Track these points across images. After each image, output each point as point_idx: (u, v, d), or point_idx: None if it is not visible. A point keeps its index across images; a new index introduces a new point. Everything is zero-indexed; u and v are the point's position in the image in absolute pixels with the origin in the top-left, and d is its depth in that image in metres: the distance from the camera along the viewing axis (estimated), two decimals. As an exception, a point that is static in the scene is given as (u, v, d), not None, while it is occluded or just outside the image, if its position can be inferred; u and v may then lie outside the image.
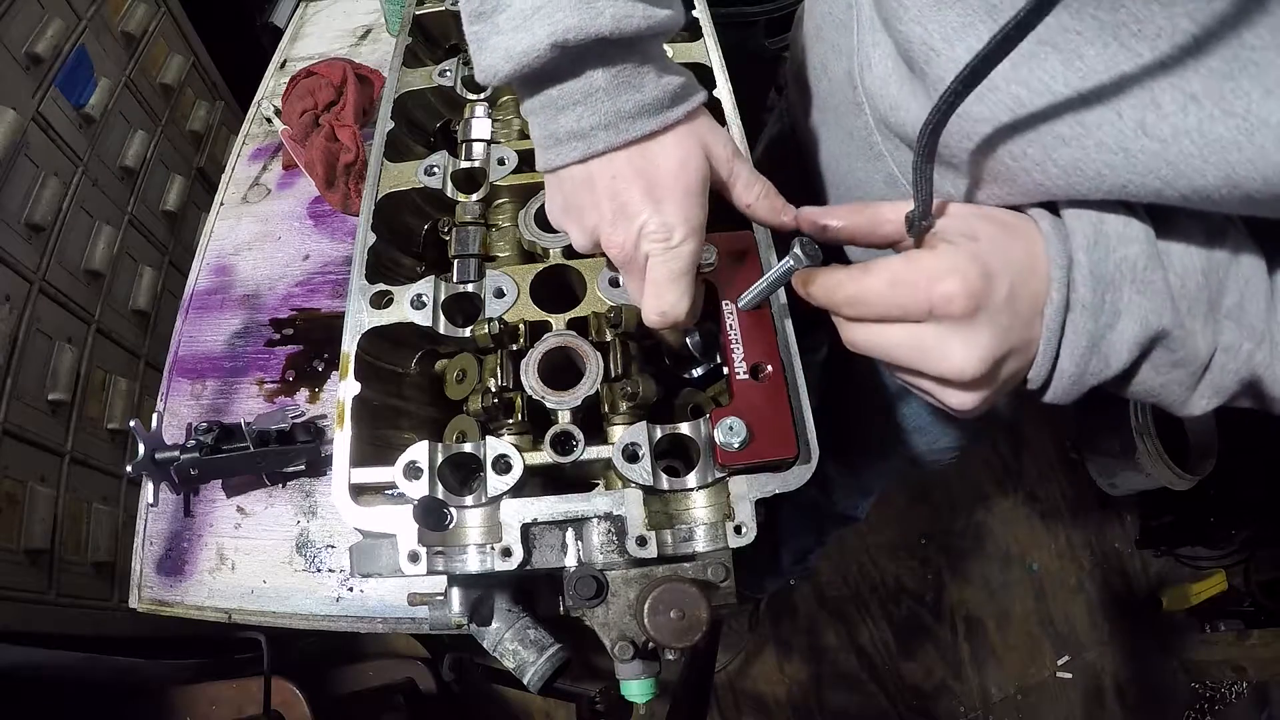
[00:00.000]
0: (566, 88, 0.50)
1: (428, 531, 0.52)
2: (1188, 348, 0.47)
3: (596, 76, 0.49)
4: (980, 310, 0.44)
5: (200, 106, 1.83)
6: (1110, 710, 1.93)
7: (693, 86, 0.54)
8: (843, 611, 1.97)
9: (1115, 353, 0.46)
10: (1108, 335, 0.46)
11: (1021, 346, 0.46)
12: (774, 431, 0.53)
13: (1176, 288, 0.46)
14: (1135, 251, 0.45)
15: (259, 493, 0.91)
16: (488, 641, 0.58)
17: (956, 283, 0.44)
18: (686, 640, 0.49)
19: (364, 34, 1.35)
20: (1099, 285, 0.45)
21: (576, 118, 0.50)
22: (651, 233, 0.51)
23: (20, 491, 1.18)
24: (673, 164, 0.51)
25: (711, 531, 0.53)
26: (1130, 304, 0.45)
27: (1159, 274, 0.45)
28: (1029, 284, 0.46)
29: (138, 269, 1.57)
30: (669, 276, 0.51)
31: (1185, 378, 0.48)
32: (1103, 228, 0.46)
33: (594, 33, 0.46)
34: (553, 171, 0.54)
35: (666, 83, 0.51)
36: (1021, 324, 0.46)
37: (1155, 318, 0.45)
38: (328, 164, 1.04)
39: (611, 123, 0.50)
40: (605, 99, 0.49)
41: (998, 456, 2.19)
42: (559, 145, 0.52)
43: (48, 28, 1.35)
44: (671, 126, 0.52)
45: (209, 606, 0.86)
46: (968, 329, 0.45)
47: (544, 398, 0.58)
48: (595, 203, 0.52)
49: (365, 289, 0.64)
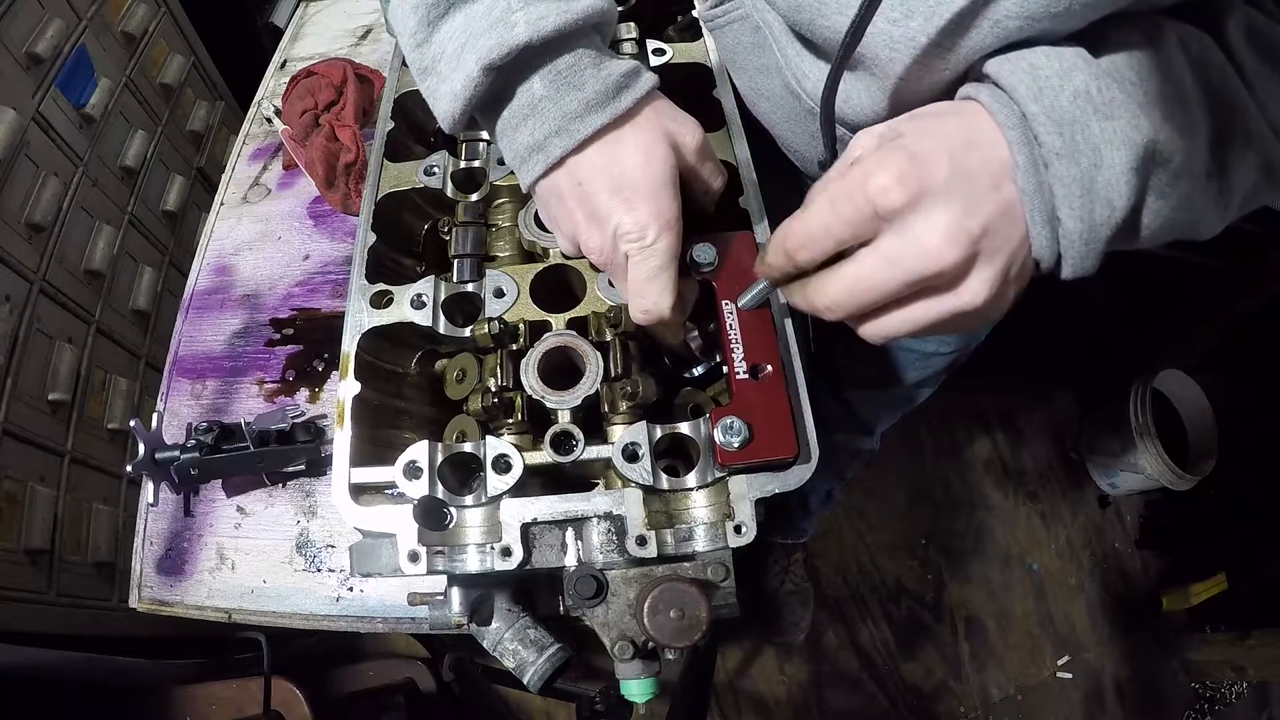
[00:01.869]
0: (513, 106, 0.51)
1: (427, 531, 0.52)
2: (1182, 153, 0.44)
3: (535, 87, 0.50)
4: (924, 192, 0.43)
5: (200, 106, 1.83)
6: (1110, 710, 1.93)
7: (638, 73, 0.53)
8: (843, 611, 1.97)
9: (1114, 189, 0.43)
10: (1097, 175, 0.43)
11: (998, 216, 0.44)
12: (773, 431, 0.53)
13: (1141, 96, 0.44)
14: (1081, 80, 0.44)
15: (259, 492, 0.91)
16: (488, 641, 0.58)
17: (884, 173, 0.43)
18: (686, 640, 0.49)
19: (364, 34, 1.35)
20: (1064, 128, 0.43)
21: (530, 131, 0.51)
22: (626, 233, 0.50)
23: (20, 491, 1.18)
24: (637, 159, 0.51)
25: (711, 531, 0.53)
26: (1104, 132, 0.43)
27: (1116, 90, 0.43)
28: (973, 152, 0.44)
29: (138, 269, 1.57)
30: (648, 274, 0.51)
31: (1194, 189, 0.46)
32: (1039, 72, 0.44)
33: (513, 44, 0.47)
34: (530, 190, 0.55)
35: (607, 74, 0.51)
36: (983, 192, 0.44)
37: (1136, 133, 0.43)
38: (328, 164, 1.04)
39: (561, 127, 0.50)
40: (550, 105, 0.50)
41: (998, 457, 2.19)
42: (524, 163, 0.52)
43: (48, 27, 1.35)
44: (625, 119, 0.51)
45: (209, 606, 0.86)
46: (921, 214, 0.43)
47: (544, 397, 0.58)
48: (568, 211, 0.53)
49: (365, 289, 0.64)
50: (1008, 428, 2.23)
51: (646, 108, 0.53)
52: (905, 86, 0.54)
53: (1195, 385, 2.05)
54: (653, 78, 0.53)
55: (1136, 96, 0.44)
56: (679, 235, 0.52)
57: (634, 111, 0.52)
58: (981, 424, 2.23)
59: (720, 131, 0.71)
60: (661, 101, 0.54)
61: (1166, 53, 0.45)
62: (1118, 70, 0.44)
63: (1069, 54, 0.45)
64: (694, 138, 0.54)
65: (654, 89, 0.53)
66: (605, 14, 0.52)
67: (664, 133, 0.52)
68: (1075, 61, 0.44)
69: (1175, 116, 0.44)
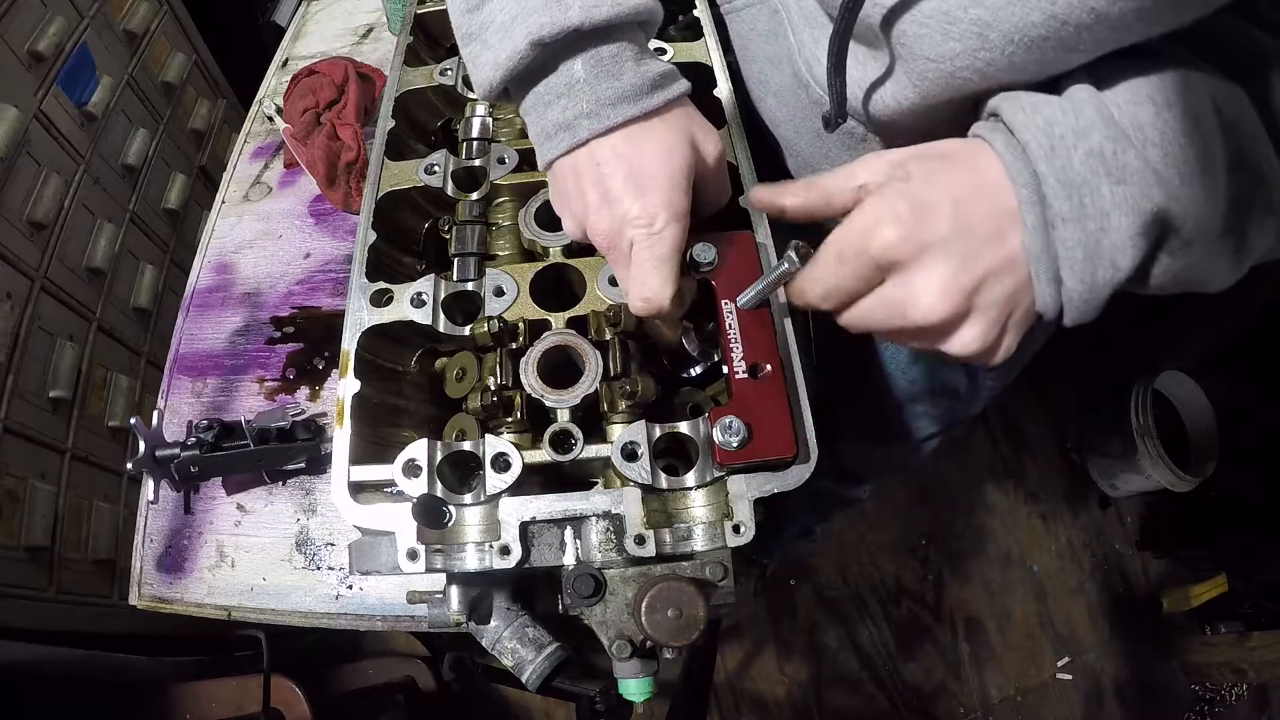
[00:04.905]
0: (550, 82, 0.52)
1: (426, 529, 0.53)
2: (1195, 221, 0.44)
3: (576, 68, 0.52)
4: (926, 245, 0.44)
5: (202, 105, 1.83)
6: (1110, 712, 1.93)
7: (673, 76, 0.55)
8: (843, 611, 1.97)
9: (1119, 252, 0.43)
10: (1103, 239, 0.43)
11: (999, 267, 0.44)
12: (772, 431, 0.53)
13: (1158, 161, 0.43)
14: (1097, 140, 0.43)
15: (259, 490, 0.91)
16: (486, 640, 0.58)
17: (888, 228, 0.44)
18: (683, 639, 0.49)
19: (366, 32, 1.35)
20: (1073, 190, 0.43)
21: (561, 109, 0.52)
22: (634, 219, 0.51)
23: (21, 489, 1.18)
24: (659, 152, 0.52)
25: (710, 530, 0.53)
26: (1114, 196, 0.43)
27: (1132, 154, 0.43)
28: (978, 202, 0.45)
29: (139, 267, 1.57)
30: (652, 262, 0.52)
31: (1206, 252, 0.45)
32: (1054, 129, 0.44)
33: (565, 25, 0.49)
34: (549, 167, 0.56)
35: (645, 70, 0.53)
36: (983, 244, 0.44)
37: (1146, 201, 0.43)
38: (329, 162, 1.04)
39: (593, 110, 0.51)
40: (586, 89, 0.51)
41: (998, 457, 2.19)
42: (549, 139, 0.54)
43: (50, 26, 1.35)
44: (655, 114, 0.53)
45: (209, 604, 0.86)
46: (921, 267, 0.44)
47: (543, 396, 0.58)
48: (581, 191, 0.54)
49: (365, 287, 0.64)
50: (1008, 428, 2.23)
51: (677, 109, 0.55)
52: (934, 79, 0.53)
53: (1196, 386, 2.05)
54: (686, 84, 0.55)
55: (1154, 160, 0.43)
56: (685, 229, 0.53)
57: (664, 110, 0.54)
58: (982, 424, 2.23)
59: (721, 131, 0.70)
60: (691, 108, 0.56)
61: (1195, 113, 0.44)
62: (1139, 129, 0.43)
63: (1088, 109, 0.44)
64: (715, 148, 0.56)
65: (686, 94, 0.55)
66: (653, 14, 0.54)
67: (688, 135, 0.54)
68: (1092, 119, 0.44)
69: (1194, 183, 0.43)
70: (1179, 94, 0.44)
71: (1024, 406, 2.25)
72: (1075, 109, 0.44)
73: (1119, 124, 0.44)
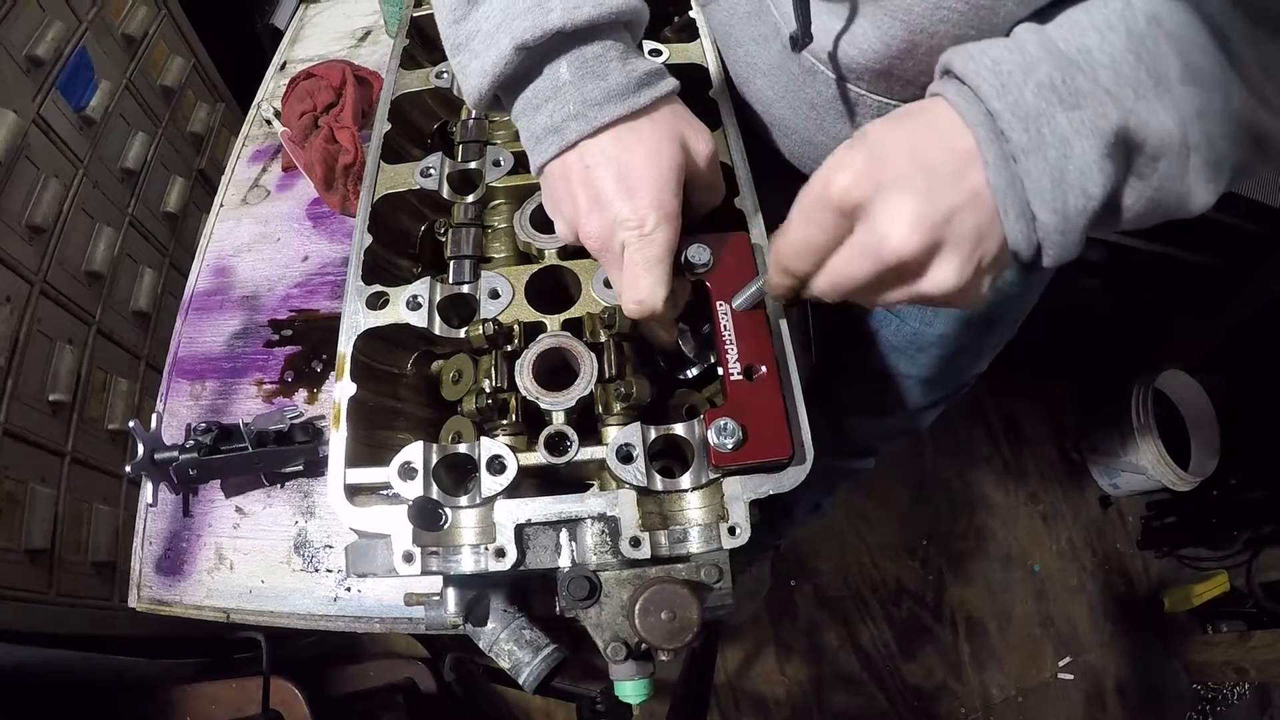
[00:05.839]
0: (537, 86, 0.53)
1: (422, 532, 0.53)
2: (1156, 135, 0.44)
3: (561, 71, 0.52)
4: (882, 185, 0.44)
5: (200, 108, 1.83)
6: (1111, 712, 1.92)
7: (661, 74, 0.55)
8: (843, 612, 1.97)
9: (1087, 178, 0.44)
10: (1068, 165, 0.44)
11: (964, 202, 0.44)
12: (768, 432, 0.53)
13: (1109, 81, 0.44)
14: (1045, 71, 0.44)
15: (257, 493, 0.92)
16: (483, 642, 0.58)
17: (843, 173, 0.45)
18: (677, 641, 0.49)
19: (363, 36, 1.35)
20: (1029, 123, 0.43)
21: (549, 113, 0.52)
22: (625, 220, 0.52)
23: (21, 491, 1.19)
24: (647, 152, 0.52)
25: (705, 532, 0.53)
26: (1071, 123, 0.43)
27: (1081, 78, 0.44)
28: (936, 146, 0.45)
29: (138, 270, 1.58)
30: (644, 264, 0.52)
31: (1174, 168, 0.46)
32: (1001, 68, 0.44)
33: (548, 28, 0.49)
34: (540, 171, 0.56)
35: (631, 69, 0.53)
36: (945, 181, 0.44)
37: (1103, 121, 0.43)
38: (327, 165, 1.04)
39: (580, 112, 0.52)
40: (572, 90, 0.52)
41: (999, 457, 2.19)
42: (539, 143, 0.54)
43: (48, 30, 1.35)
44: (643, 114, 0.53)
45: (208, 606, 0.87)
46: (884, 203, 0.44)
47: (538, 398, 0.58)
48: (572, 194, 0.54)
49: (362, 290, 0.64)
50: (1009, 428, 2.23)
51: (665, 108, 0.54)
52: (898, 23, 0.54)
53: (1197, 385, 2.05)
54: (674, 82, 0.55)
55: (1105, 81, 0.44)
56: (677, 230, 0.53)
57: (652, 109, 0.53)
58: (982, 424, 2.23)
59: (717, 132, 0.71)
60: (680, 106, 0.56)
61: (1139, 31, 0.44)
62: (1086, 55, 0.44)
63: (1032, 44, 0.45)
64: (706, 147, 0.56)
65: (674, 92, 0.55)
66: (638, 13, 0.54)
67: (677, 134, 0.54)
68: (1038, 54, 0.44)
69: (1148, 96, 0.44)
70: (1119, 16, 0.45)
71: (1024, 406, 2.25)
72: (1020, 46, 0.45)
73: (1064, 53, 0.44)
